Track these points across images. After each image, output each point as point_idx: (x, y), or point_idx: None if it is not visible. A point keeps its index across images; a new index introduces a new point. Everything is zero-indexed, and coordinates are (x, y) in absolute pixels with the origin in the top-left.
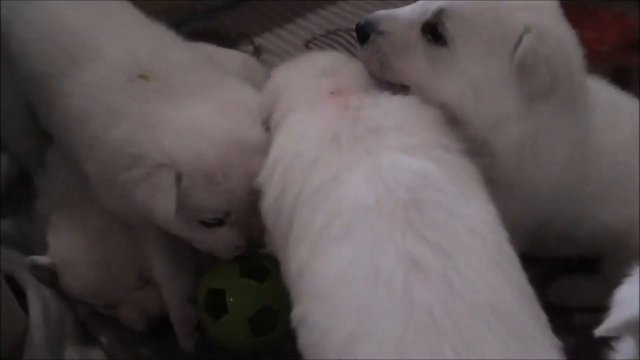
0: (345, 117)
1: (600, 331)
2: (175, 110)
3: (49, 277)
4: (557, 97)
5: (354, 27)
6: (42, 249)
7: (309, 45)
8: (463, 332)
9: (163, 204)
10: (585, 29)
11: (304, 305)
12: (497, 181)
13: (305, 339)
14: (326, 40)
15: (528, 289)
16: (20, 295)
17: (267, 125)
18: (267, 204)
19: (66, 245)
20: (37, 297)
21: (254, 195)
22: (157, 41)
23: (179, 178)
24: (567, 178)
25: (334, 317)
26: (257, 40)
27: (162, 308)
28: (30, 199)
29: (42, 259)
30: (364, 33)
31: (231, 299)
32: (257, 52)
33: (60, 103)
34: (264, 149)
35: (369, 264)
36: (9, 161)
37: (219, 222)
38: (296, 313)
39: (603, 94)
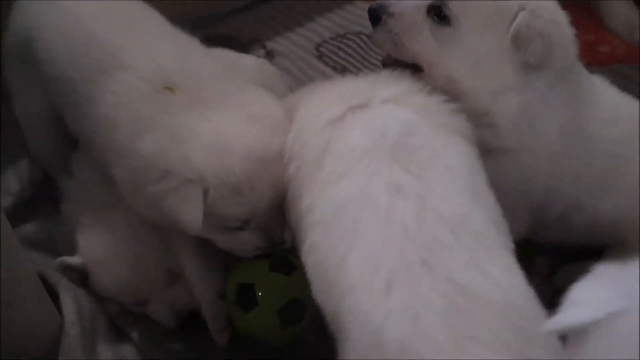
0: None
1: (548, 325)
2: (200, 123)
3: (79, 277)
4: (550, 70)
5: (363, 30)
6: (70, 250)
7: (319, 48)
8: (428, 238)
9: (190, 216)
10: (586, 32)
11: (310, 237)
12: (498, 150)
13: (311, 262)
14: (336, 43)
15: (501, 222)
16: (52, 296)
17: None
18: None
19: (96, 245)
20: (69, 297)
21: (276, 201)
22: (182, 51)
23: (205, 192)
24: (564, 151)
25: (333, 239)
26: (269, 44)
27: (192, 304)
28: (54, 204)
29: (73, 260)
30: (377, 15)
31: (260, 293)
32: (269, 55)
33: (89, 110)
34: (283, 160)
35: (362, 193)
36: (33, 166)
37: (240, 227)
38: (305, 246)
39: (603, 91)
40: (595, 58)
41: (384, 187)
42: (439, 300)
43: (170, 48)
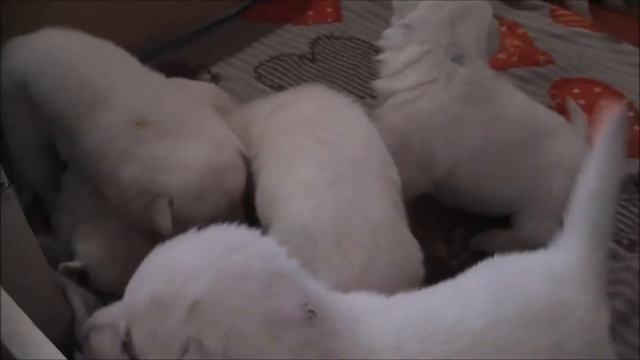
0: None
1: None
2: (165, 151)
3: (78, 279)
4: None
5: (294, 52)
6: (68, 258)
7: (257, 70)
8: (336, 171)
9: (163, 223)
10: None
11: (261, 177)
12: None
13: (259, 193)
14: (272, 64)
15: (389, 164)
16: None
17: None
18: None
19: (95, 249)
20: (76, 292)
21: (234, 202)
22: (153, 90)
23: (171, 203)
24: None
25: (274, 173)
26: (214, 69)
27: None
28: (45, 222)
29: (74, 264)
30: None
31: None
32: (215, 79)
33: (80, 141)
34: (236, 168)
35: (296, 145)
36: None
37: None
38: (258, 187)
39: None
40: (495, 64)
41: (310, 140)
42: (334, 210)
43: (143, 88)
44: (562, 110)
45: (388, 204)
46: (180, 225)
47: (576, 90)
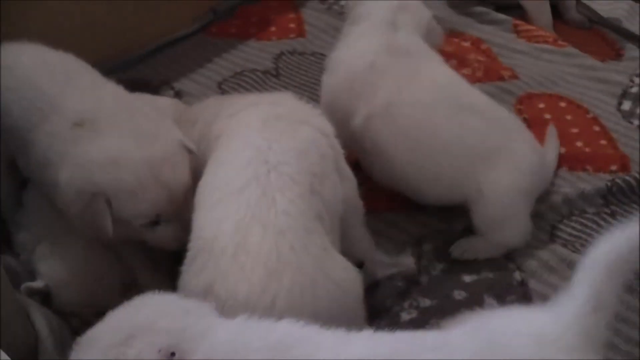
0: None
1: None
2: (98, 149)
3: (41, 299)
4: None
5: (256, 67)
6: (31, 277)
7: (221, 86)
8: (251, 174)
9: (103, 225)
10: (450, 58)
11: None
12: None
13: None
14: (235, 80)
15: None
16: None
17: None
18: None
19: (56, 269)
20: (40, 313)
21: (177, 197)
22: (99, 93)
23: (108, 202)
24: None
25: (202, 183)
26: (177, 86)
27: None
28: (6, 241)
29: (36, 284)
30: None
31: None
32: (178, 96)
33: (33, 152)
34: (173, 162)
35: (230, 149)
36: None
37: (155, 223)
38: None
39: None
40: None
41: (241, 143)
42: (236, 220)
43: (88, 91)
44: (529, 125)
45: (301, 213)
46: (124, 226)
47: (541, 105)
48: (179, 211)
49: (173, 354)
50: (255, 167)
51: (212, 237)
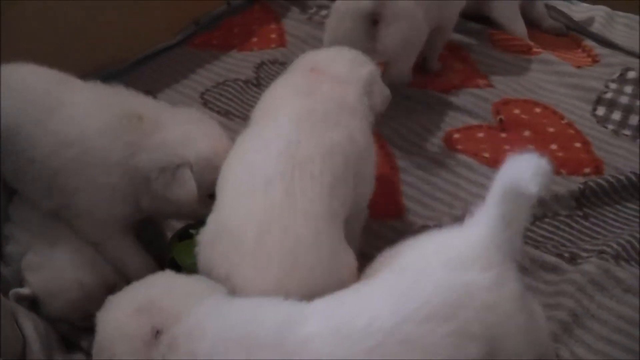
0: None
1: None
2: (172, 132)
3: (29, 305)
4: None
5: (239, 77)
6: (20, 284)
7: (203, 96)
8: (280, 168)
9: (189, 191)
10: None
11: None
12: None
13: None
14: (217, 90)
15: None
16: None
17: None
18: None
19: (42, 280)
20: (27, 318)
21: None
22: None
23: (191, 169)
24: None
25: (228, 163)
26: (160, 97)
27: None
28: None
29: (24, 290)
30: None
31: None
32: None
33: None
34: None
35: (260, 128)
36: None
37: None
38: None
39: None
40: (437, 86)
41: (271, 129)
42: (260, 217)
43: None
44: (505, 128)
45: (319, 214)
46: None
47: (517, 111)
48: None
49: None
50: (282, 161)
51: (235, 226)
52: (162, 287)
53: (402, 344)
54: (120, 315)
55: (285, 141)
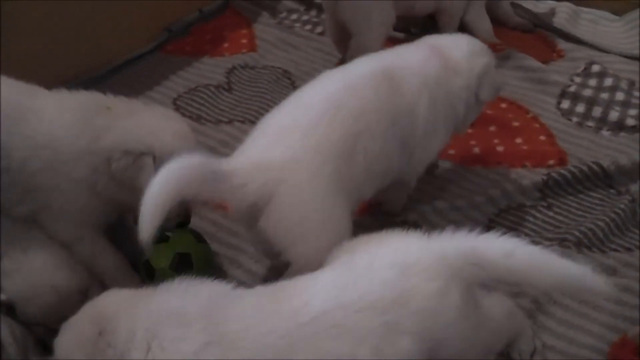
0: None
1: None
2: (141, 121)
3: (5, 310)
4: None
5: (210, 82)
6: None
7: (176, 102)
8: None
9: (147, 179)
10: None
11: None
12: None
13: None
14: (189, 96)
15: None
16: None
17: None
18: None
19: (17, 285)
20: (4, 323)
21: None
22: None
23: (154, 160)
24: None
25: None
26: None
27: None
28: None
29: (0, 296)
30: None
31: (196, 259)
32: None
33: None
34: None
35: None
36: None
37: None
38: None
39: None
40: None
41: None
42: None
43: None
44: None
45: (329, 174)
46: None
47: None
48: None
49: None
50: (319, 112)
51: (278, 164)
52: (108, 299)
53: (332, 327)
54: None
55: (331, 100)
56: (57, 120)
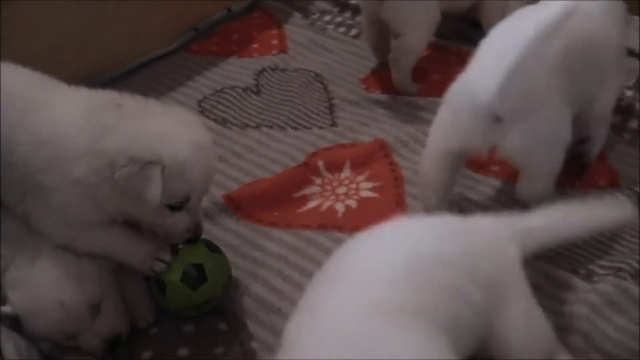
0: None
1: None
2: (153, 124)
3: (10, 323)
4: None
5: (237, 84)
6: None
7: (201, 104)
8: None
9: (152, 191)
10: (435, 73)
11: None
12: None
13: None
14: (215, 98)
15: None
16: None
17: None
18: None
19: (24, 299)
20: (7, 338)
21: (206, 187)
22: None
23: (162, 171)
24: None
25: None
26: None
27: (115, 329)
28: None
29: (5, 309)
30: None
31: (210, 270)
32: None
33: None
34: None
35: None
36: None
37: (179, 207)
38: None
39: None
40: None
41: None
42: None
43: None
44: None
45: None
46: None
47: None
48: (197, 204)
49: None
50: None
51: None
52: None
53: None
54: None
55: None
56: (63, 115)
